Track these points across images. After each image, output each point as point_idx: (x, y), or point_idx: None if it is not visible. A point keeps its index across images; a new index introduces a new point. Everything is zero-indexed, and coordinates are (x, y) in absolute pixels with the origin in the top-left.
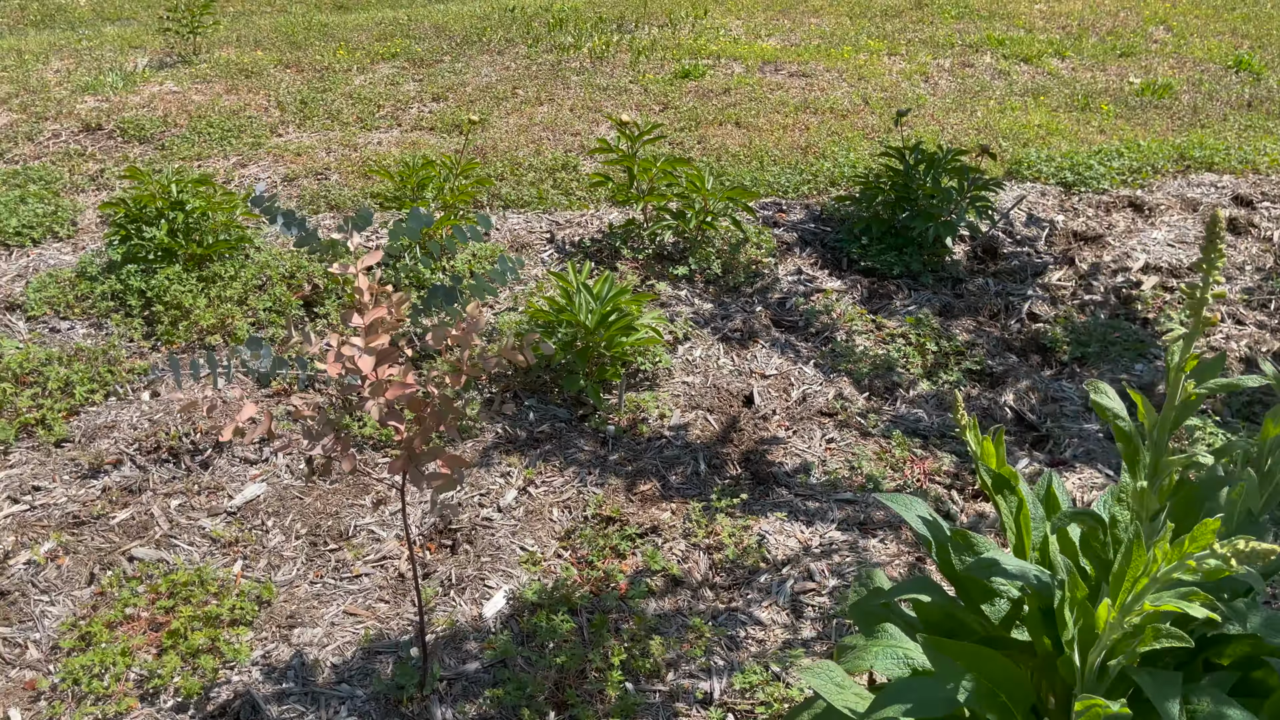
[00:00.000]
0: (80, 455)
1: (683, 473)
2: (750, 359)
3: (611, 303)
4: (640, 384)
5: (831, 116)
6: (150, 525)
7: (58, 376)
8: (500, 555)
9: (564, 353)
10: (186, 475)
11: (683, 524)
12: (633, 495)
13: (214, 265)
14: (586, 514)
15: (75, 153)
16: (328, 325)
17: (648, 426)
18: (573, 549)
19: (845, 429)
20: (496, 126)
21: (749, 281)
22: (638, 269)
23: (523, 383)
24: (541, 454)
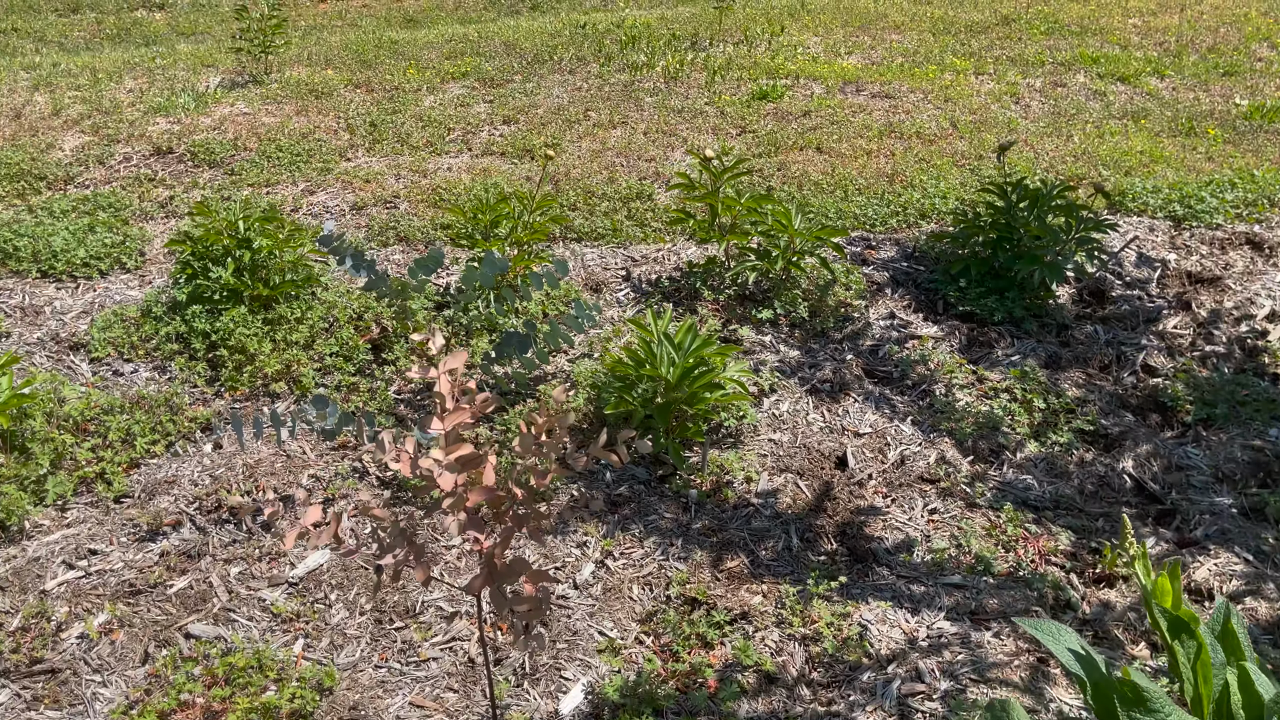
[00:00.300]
0: (139, 514)
1: (773, 547)
2: (842, 414)
3: (695, 355)
4: (723, 440)
5: (918, 141)
6: (208, 596)
7: (119, 426)
8: (577, 641)
9: (644, 408)
10: (247, 539)
11: (775, 609)
12: (719, 572)
13: (280, 307)
14: (669, 593)
15: (145, 177)
16: (396, 373)
17: (733, 491)
18: (655, 634)
19: (949, 498)
20: (568, 152)
21: (838, 326)
22: (718, 311)
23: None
24: (619, 520)
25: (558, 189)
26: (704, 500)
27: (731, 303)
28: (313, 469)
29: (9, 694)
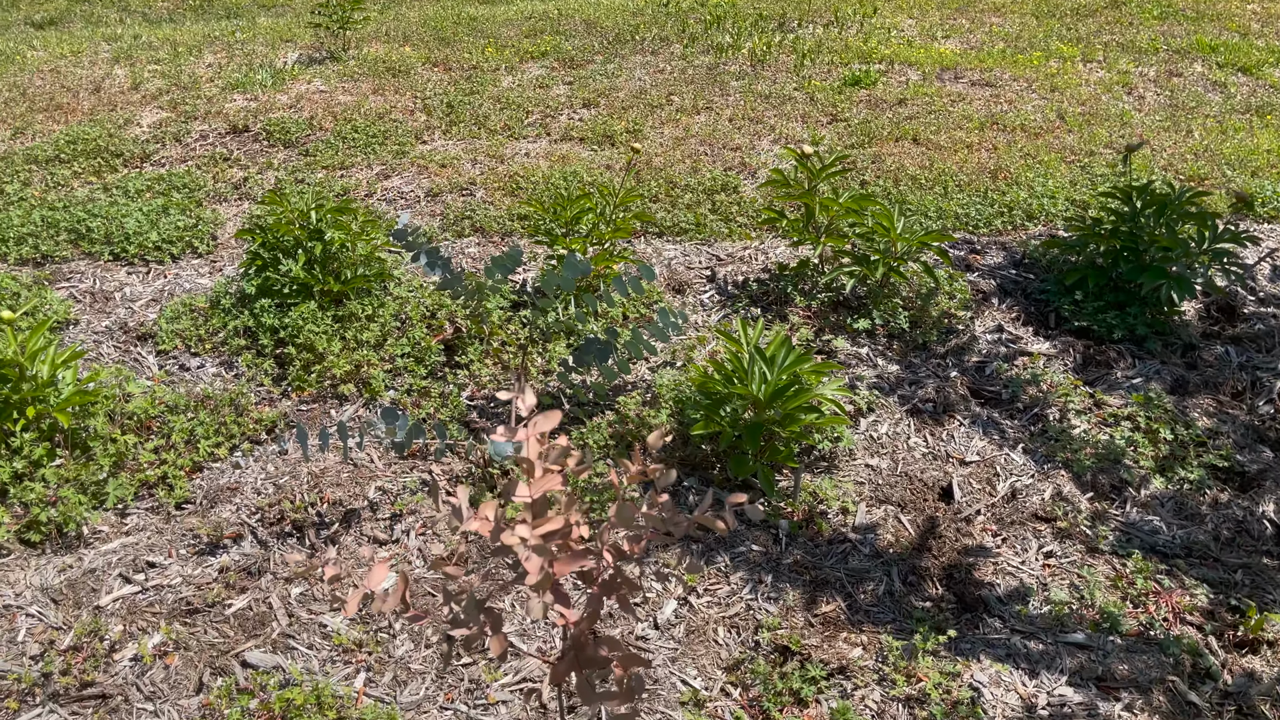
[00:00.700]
0: (200, 524)
1: (872, 591)
2: (946, 439)
3: (788, 371)
4: (816, 464)
5: (1022, 135)
6: (267, 620)
7: (182, 427)
8: (658, 691)
9: (732, 429)
10: (310, 555)
11: (876, 663)
12: (813, 617)
13: (351, 303)
14: (758, 639)
15: (220, 157)
16: (469, 376)
17: (827, 523)
18: (743, 687)
19: (1066, 540)
20: (650, 139)
21: (941, 339)
22: (810, 319)
23: (681, 457)
24: (703, 551)
25: (639, 180)
26: (796, 532)
27: (825, 310)
28: (380, 480)
29: None
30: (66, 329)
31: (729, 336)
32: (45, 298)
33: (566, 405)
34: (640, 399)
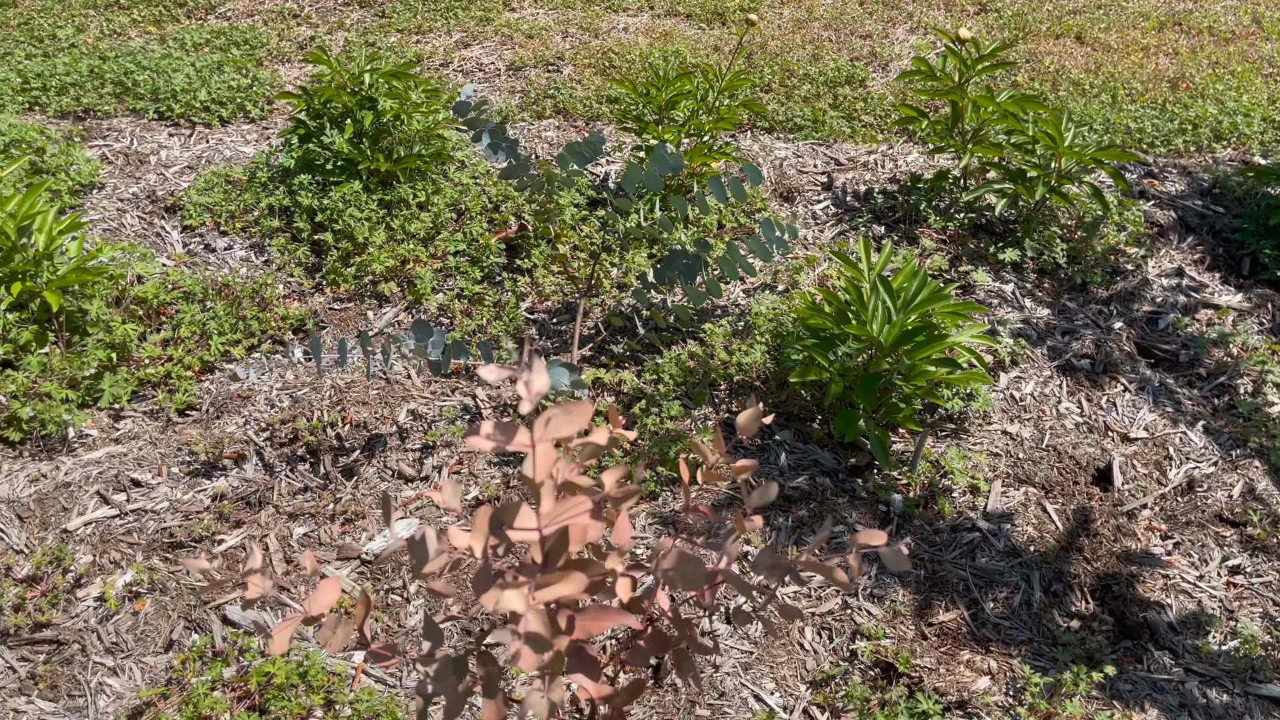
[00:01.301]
0: (200, 438)
1: (1005, 599)
2: (1105, 406)
3: (919, 310)
4: (941, 426)
5: (1209, 39)
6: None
7: (195, 319)
8: (724, 707)
9: (842, 377)
10: (322, 488)
11: (1006, 698)
12: (928, 627)
13: (401, 186)
14: (854, 649)
15: (290, 13)
16: (530, 284)
17: (951, 504)
18: (832, 711)
19: (1260, 554)
20: (766, 19)
21: (1105, 280)
22: (945, 244)
23: (775, 404)
24: (793, 525)
25: (751, 64)
26: (911, 512)
27: (963, 234)
28: (414, 402)
29: (2, 664)
30: (90, 193)
31: (846, 260)
32: (73, 156)
33: (641, 330)
34: (730, 328)
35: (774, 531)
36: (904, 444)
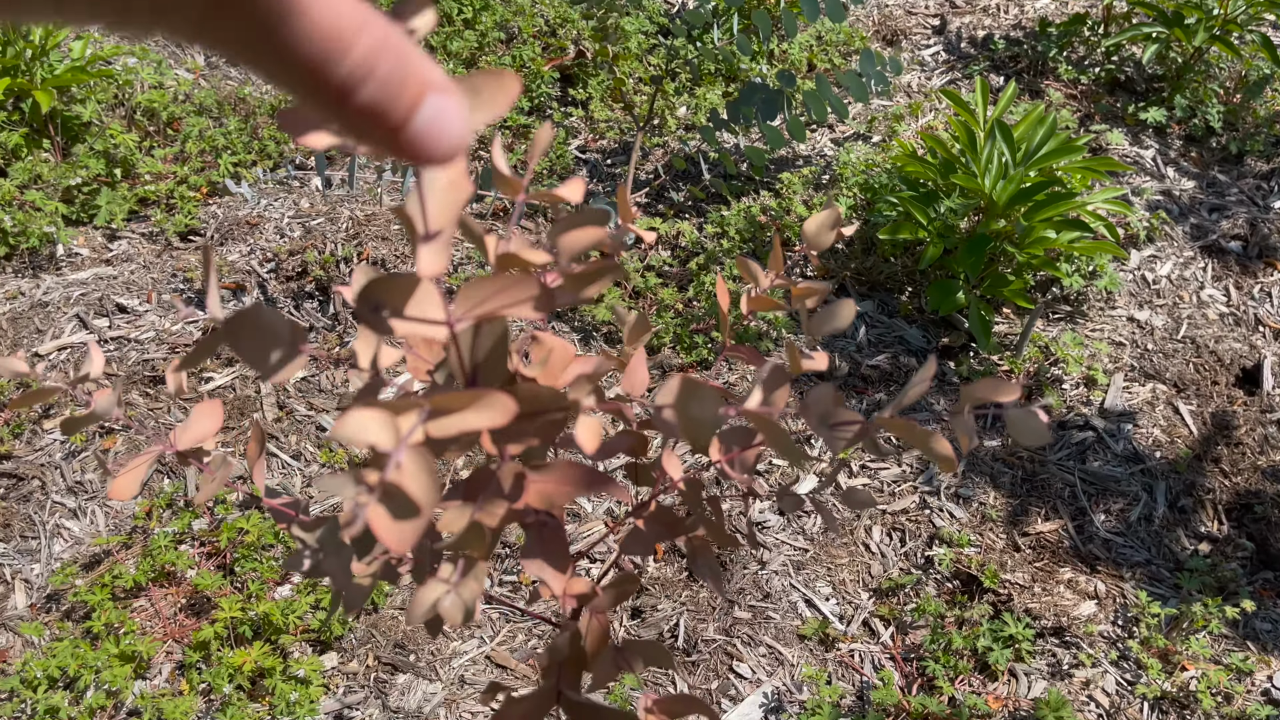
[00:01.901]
0: (197, 266)
1: (1120, 511)
2: (1259, 297)
3: (1042, 165)
4: (1054, 307)
5: None
6: (249, 409)
7: (207, 135)
8: (768, 609)
9: (941, 239)
10: (329, 329)
11: (1114, 628)
12: (1022, 536)
13: (444, 0)
14: (931, 555)
15: None
16: (584, 119)
17: (1060, 397)
18: (898, 627)
19: None
20: None
21: (1266, 152)
22: (1076, 99)
23: (857, 270)
24: (868, 409)
25: None
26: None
27: (1098, 90)
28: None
29: None
30: None
31: (958, 101)
32: None
33: (706, 176)
34: (812, 179)
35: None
36: (1008, 325)
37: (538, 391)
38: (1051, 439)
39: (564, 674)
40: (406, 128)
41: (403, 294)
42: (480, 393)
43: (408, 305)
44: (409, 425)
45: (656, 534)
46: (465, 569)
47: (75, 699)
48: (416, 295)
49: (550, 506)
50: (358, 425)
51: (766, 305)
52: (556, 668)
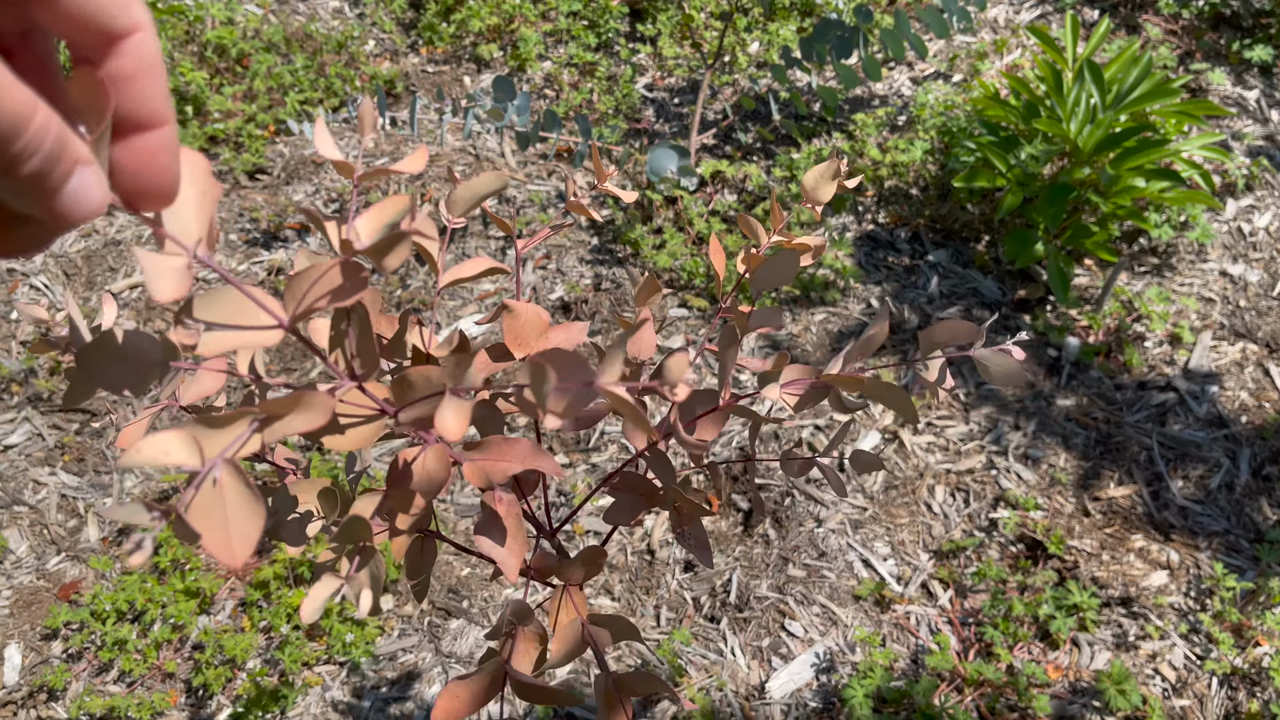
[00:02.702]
0: (263, 205)
1: (1199, 478)
2: None
3: (1134, 108)
4: (1140, 259)
5: None
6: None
7: (274, 73)
8: (823, 568)
9: (1021, 187)
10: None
11: (1185, 599)
12: (1092, 501)
13: None
14: (995, 518)
15: None
16: (653, 55)
17: (1142, 355)
18: (957, 589)
19: None
20: None
21: None
22: (1175, 35)
23: (931, 217)
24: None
25: None
26: (1088, 359)
27: (1200, 25)
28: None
29: (30, 430)
30: None
31: (1045, 38)
32: None
33: (776, 117)
34: (887, 120)
35: (910, 370)
36: (1089, 278)
37: (429, 374)
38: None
39: (519, 654)
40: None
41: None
42: (300, 395)
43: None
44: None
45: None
46: (361, 563)
47: (142, 632)
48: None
49: (487, 484)
50: (157, 449)
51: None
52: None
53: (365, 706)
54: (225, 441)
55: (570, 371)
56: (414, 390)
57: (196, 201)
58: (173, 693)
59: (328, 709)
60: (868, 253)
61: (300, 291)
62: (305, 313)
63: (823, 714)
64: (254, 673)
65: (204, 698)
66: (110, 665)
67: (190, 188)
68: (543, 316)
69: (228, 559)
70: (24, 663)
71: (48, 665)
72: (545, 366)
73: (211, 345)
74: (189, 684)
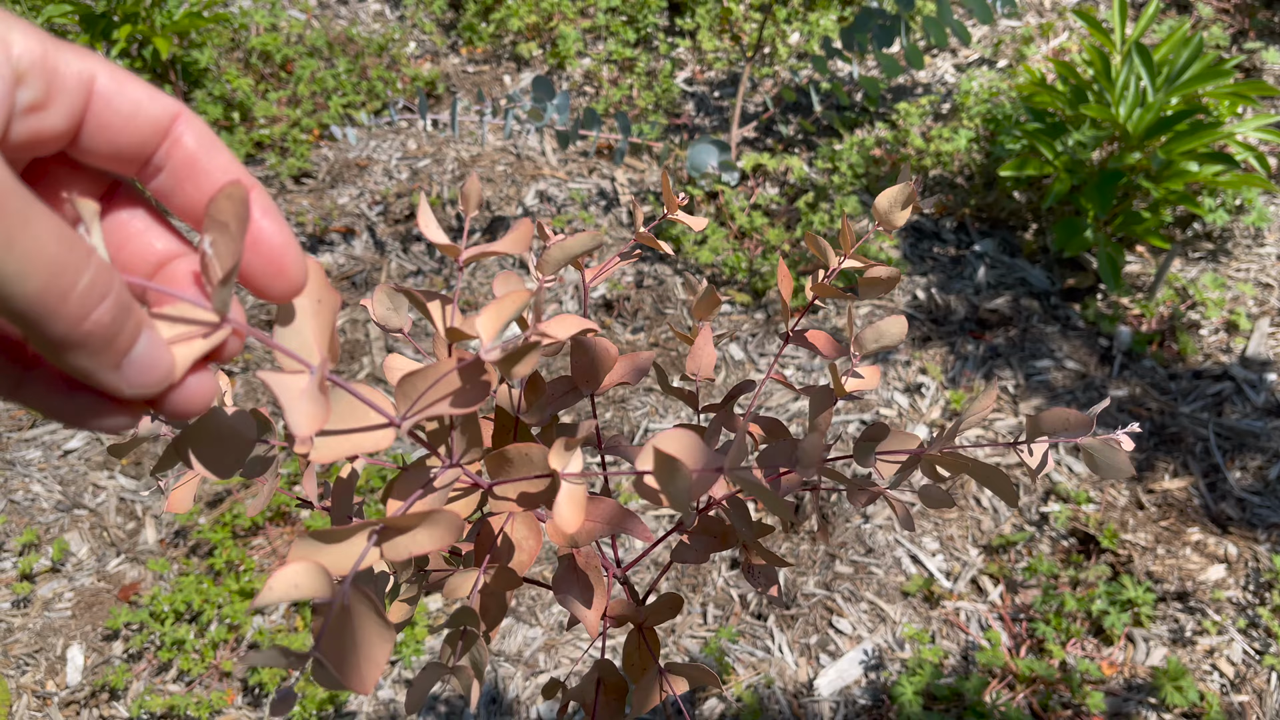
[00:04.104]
0: (309, 209)
1: (1258, 469)
2: None
3: (1186, 91)
4: (1194, 245)
5: None
6: (358, 352)
7: (317, 78)
8: (871, 565)
9: (1069, 174)
10: (436, 272)
11: (1244, 594)
12: (1146, 494)
13: None
14: (1046, 512)
15: None
16: (692, 49)
17: (1196, 343)
18: (1007, 585)
19: None
20: None
21: None
22: (1227, 14)
23: (978, 206)
24: (984, 355)
25: None
26: (1140, 349)
27: (1252, 4)
28: (545, 182)
29: (88, 435)
30: None
31: (1092, 21)
32: None
33: (818, 108)
34: (931, 108)
35: (959, 361)
36: (1140, 265)
37: (528, 452)
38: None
39: (601, 706)
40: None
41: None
42: (426, 514)
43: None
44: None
45: (705, 545)
46: (464, 649)
47: (200, 632)
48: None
49: (571, 546)
50: (286, 584)
51: (830, 293)
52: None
53: None
54: (347, 559)
55: (695, 458)
56: (513, 468)
57: (313, 311)
58: (230, 691)
59: (380, 706)
60: (913, 244)
61: (415, 392)
62: (420, 414)
63: (872, 711)
64: (307, 672)
65: (260, 696)
66: (169, 665)
67: (305, 298)
68: (611, 351)
69: (358, 687)
70: (86, 663)
71: (109, 665)
72: (678, 463)
73: (325, 453)
74: (245, 683)
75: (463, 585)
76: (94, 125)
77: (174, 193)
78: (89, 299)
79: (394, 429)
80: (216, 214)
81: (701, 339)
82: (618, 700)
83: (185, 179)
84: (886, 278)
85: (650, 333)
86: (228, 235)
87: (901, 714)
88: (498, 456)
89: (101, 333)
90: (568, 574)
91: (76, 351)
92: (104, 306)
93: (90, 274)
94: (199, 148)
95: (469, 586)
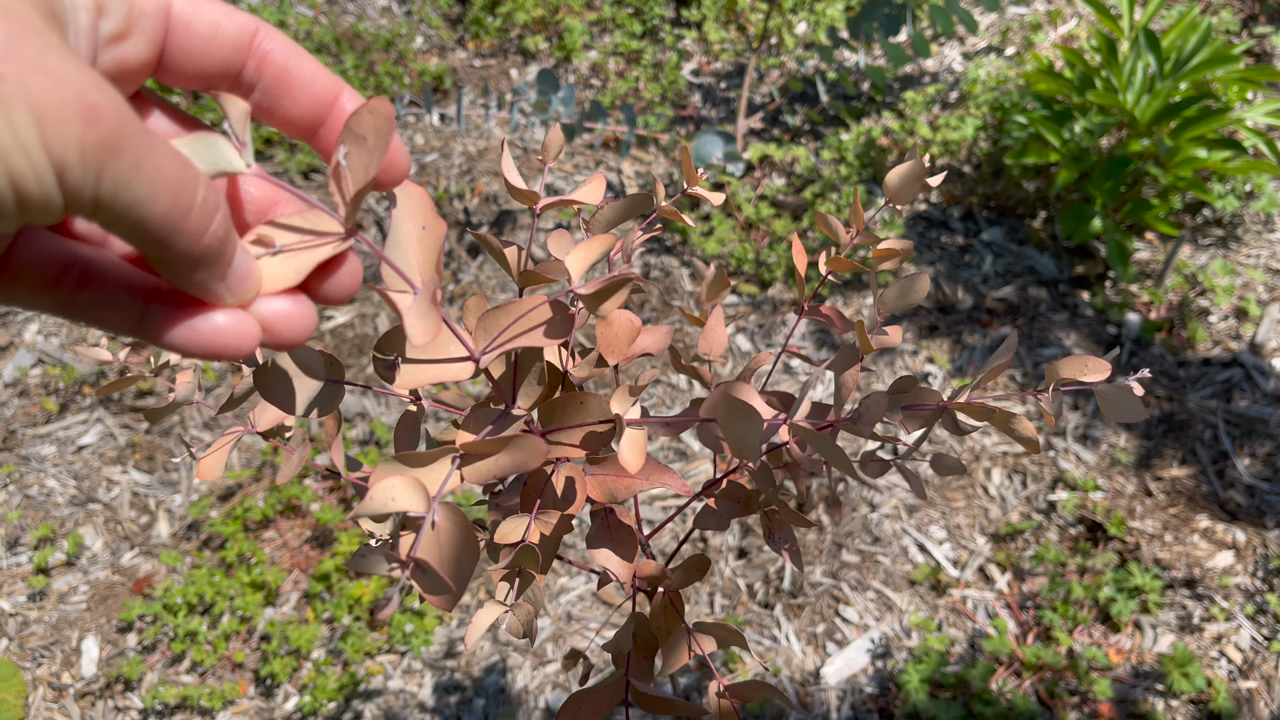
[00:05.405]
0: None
1: (1267, 455)
2: None
3: (1194, 76)
4: (1202, 233)
5: None
6: (365, 346)
7: None
8: (877, 553)
9: (1075, 163)
10: (444, 264)
11: (1253, 581)
12: (1154, 481)
13: None
14: (1054, 500)
15: None
16: (698, 40)
17: (1206, 330)
18: (1015, 572)
19: None
20: None
21: None
22: (1238, 1)
23: (986, 195)
24: (989, 345)
25: None
26: (1148, 337)
27: None
28: (552, 175)
29: (102, 430)
30: None
31: (1100, 7)
32: None
33: (824, 98)
34: (936, 97)
35: (964, 351)
36: (1149, 252)
37: (584, 400)
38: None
39: (633, 662)
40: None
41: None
42: (509, 438)
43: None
44: (440, 478)
45: (729, 510)
46: (521, 588)
47: (212, 624)
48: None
49: (610, 501)
50: (384, 496)
51: (845, 267)
52: (625, 658)
53: (427, 694)
54: (432, 481)
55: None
56: (567, 416)
57: (418, 237)
58: (242, 682)
59: (389, 697)
60: (920, 233)
61: (497, 327)
62: (503, 347)
63: (878, 699)
64: (319, 662)
65: (271, 687)
66: (182, 656)
67: (409, 222)
68: (635, 323)
69: (453, 590)
70: (101, 655)
71: (123, 657)
72: (752, 409)
73: (409, 379)
74: (257, 674)
75: (516, 530)
76: (177, 49)
77: (275, 108)
78: (205, 214)
79: (473, 363)
80: (357, 127)
81: (713, 320)
82: (648, 658)
83: (281, 94)
84: (900, 249)
85: (657, 324)
86: (364, 149)
87: (908, 702)
88: (553, 404)
89: (217, 245)
90: (602, 531)
91: (197, 265)
92: (217, 219)
93: (203, 190)
94: (287, 60)
95: (521, 530)
